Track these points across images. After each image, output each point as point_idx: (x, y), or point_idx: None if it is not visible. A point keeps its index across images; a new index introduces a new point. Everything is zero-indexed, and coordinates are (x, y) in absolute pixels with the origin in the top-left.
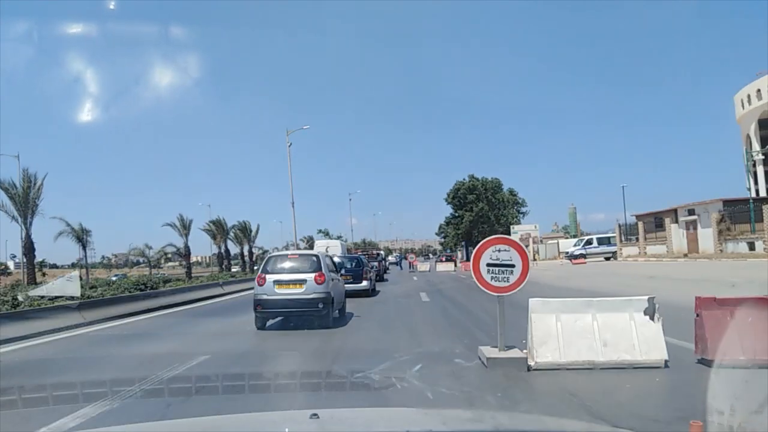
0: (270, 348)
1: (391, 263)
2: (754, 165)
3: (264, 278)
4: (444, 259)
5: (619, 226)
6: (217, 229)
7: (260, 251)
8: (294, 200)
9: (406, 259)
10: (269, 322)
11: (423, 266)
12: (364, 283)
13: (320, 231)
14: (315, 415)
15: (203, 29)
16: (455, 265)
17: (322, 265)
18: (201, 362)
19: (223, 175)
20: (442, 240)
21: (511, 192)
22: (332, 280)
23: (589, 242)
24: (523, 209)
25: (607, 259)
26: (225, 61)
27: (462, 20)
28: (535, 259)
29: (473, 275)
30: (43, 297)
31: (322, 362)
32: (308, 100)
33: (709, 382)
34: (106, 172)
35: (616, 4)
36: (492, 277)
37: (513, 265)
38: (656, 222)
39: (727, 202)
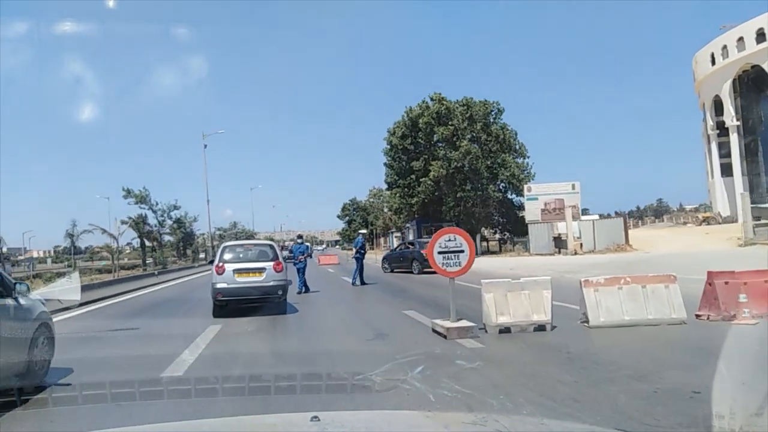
0: None
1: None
2: (719, 134)
3: (223, 267)
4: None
5: None
6: None
7: None
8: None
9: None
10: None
11: None
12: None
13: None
14: (316, 417)
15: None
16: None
17: (279, 254)
18: None
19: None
20: (346, 226)
21: (505, 129)
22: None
23: None
24: (526, 161)
25: None
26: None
27: None
28: (575, 252)
29: None
30: None
31: None
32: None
33: (712, 385)
34: None
35: None
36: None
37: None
38: None
39: None
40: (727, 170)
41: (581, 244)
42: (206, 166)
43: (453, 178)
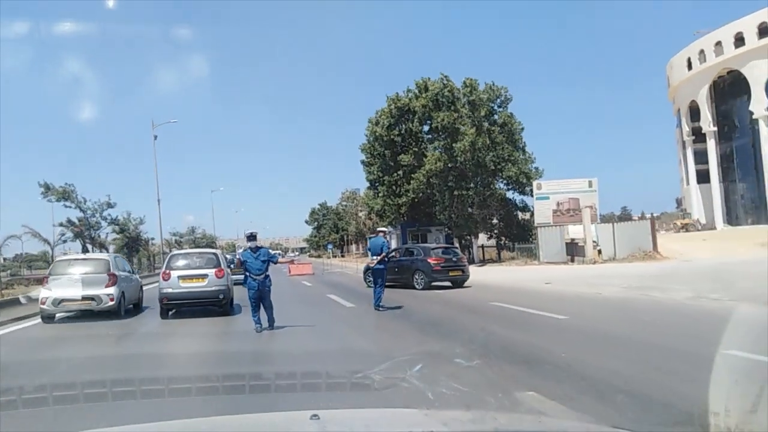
0: None
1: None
2: (695, 141)
3: (169, 274)
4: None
5: None
6: None
7: None
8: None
9: None
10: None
11: None
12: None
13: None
14: (315, 416)
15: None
16: None
17: (222, 262)
18: None
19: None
20: (315, 232)
21: (512, 119)
22: (228, 274)
23: None
24: (530, 156)
25: None
26: None
27: None
28: (595, 260)
29: None
30: None
31: None
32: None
33: (709, 383)
34: None
35: None
36: None
37: None
38: None
39: None
40: (702, 177)
41: (599, 251)
42: (156, 160)
43: (449, 174)
